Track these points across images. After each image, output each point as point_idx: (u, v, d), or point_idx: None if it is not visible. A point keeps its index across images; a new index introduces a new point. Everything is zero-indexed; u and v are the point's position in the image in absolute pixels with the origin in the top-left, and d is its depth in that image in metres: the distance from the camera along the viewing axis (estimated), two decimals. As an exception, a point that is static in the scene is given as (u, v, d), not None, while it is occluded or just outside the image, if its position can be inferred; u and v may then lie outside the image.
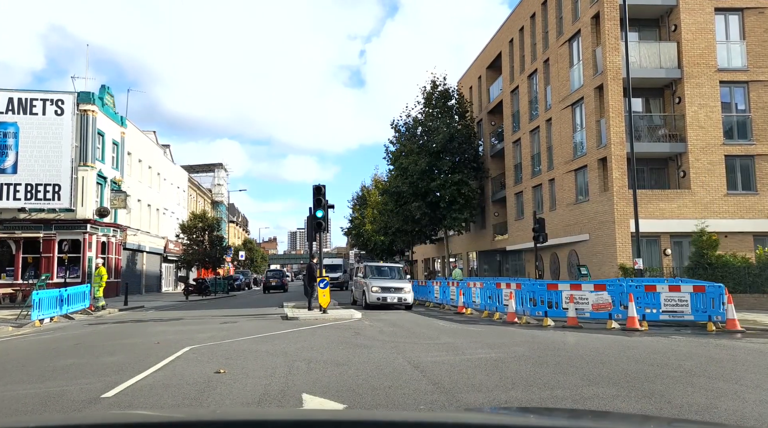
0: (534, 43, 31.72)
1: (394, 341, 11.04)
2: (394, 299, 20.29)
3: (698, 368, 7.63)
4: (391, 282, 21.01)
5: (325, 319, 16.30)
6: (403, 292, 20.52)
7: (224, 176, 71.70)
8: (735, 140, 23.99)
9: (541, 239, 22.87)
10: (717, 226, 22.14)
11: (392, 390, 6.37)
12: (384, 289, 20.44)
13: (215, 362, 8.52)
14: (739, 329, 12.70)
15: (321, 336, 12.11)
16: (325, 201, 18.66)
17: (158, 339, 11.77)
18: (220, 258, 43.13)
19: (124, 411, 5.31)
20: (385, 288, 20.47)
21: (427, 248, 50.02)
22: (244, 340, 11.43)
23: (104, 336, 13.41)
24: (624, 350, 9.56)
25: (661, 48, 24.37)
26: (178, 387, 6.76)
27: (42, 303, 17.13)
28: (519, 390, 6.32)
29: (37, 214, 29.39)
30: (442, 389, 6.37)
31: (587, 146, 25.69)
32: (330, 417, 2.37)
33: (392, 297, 20.28)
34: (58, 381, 7.39)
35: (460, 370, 7.60)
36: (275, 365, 8.18)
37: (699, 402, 5.63)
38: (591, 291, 14.39)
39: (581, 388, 6.34)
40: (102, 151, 32.07)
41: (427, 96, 37.67)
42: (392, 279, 21.77)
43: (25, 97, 29.67)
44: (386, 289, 20.46)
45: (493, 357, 8.78)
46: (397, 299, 20.32)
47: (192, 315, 19.38)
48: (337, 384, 6.78)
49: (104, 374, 7.77)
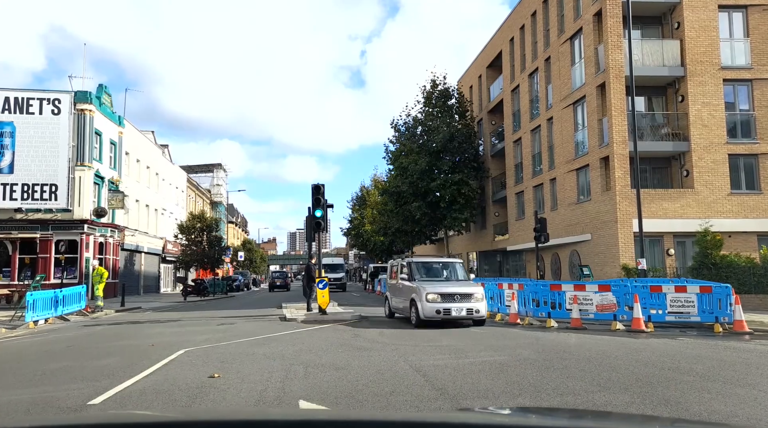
0: (535, 42, 31.45)
1: (394, 343, 10.76)
2: (461, 312, 13.69)
3: (712, 372, 7.35)
4: (453, 286, 14.44)
5: (324, 320, 16.02)
6: (472, 300, 13.95)
7: (223, 177, 71.43)
8: (739, 139, 23.72)
9: (543, 239, 22.59)
10: (720, 226, 21.85)
11: (394, 396, 6.10)
12: (446, 297, 13.89)
13: (210, 366, 8.24)
14: (747, 330, 12.42)
15: (319, 338, 11.83)
16: (324, 201, 18.39)
17: (153, 341, 11.49)
18: (219, 259, 42.81)
19: (124, 411, 5.22)
20: (447, 296, 13.91)
21: (427, 248, 49.72)
22: (240, 342, 11.15)
23: (98, 338, 13.12)
24: (632, 352, 9.28)
25: (664, 46, 24.10)
26: (169, 392, 6.48)
27: (36, 304, 16.83)
28: (527, 396, 6.04)
29: (33, 214, 29.10)
30: (447, 395, 6.10)
31: (589, 145, 25.43)
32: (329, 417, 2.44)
33: (458, 309, 13.68)
34: (45, 386, 7.11)
35: (464, 374, 7.32)
36: (272, 369, 7.90)
37: (718, 409, 5.36)
38: (595, 292, 14.11)
39: (592, 394, 6.06)
40: (99, 151, 31.78)
41: (427, 95, 37.44)
42: (452, 282, 15.18)
43: (21, 96, 29.38)
44: (449, 297, 13.89)
45: (498, 360, 8.50)
46: (466, 312, 13.72)
47: (189, 317, 19.10)
48: (335, 389, 6.50)
49: (94, 378, 7.49)
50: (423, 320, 13.84)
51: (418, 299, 14.03)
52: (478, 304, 13.99)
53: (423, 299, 13.81)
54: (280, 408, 5.74)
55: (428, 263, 16.54)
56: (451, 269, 16.01)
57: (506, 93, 35.20)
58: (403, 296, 15.45)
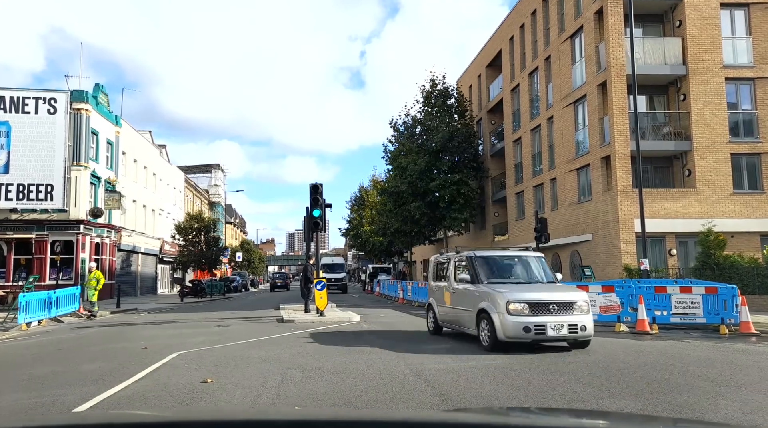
0: (535, 41, 31.21)
1: (394, 345, 10.49)
2: (560, 330, 9.44)
3: (724, 377, 7.08)
4: (544, 291, 10.12)
5: (322, 322, 15.75)
6: (576, 312, 9.69)
7: (221, 177, 71.13)
8: (741, 138, 23.48)
9: (544, 239, 22.35)
10: (723, 226, 21.60)
11: (394, 403, 5.83)
12: (537, 308, 9.59)
13: (203, 370, 7.96)
14: (754, 332, 12.18)
15: (317, 340, 11.55)
16: (323, 200, 18.12)
17: (146, 344, 11.20)
18: (217, 259, 42.52)
19: (124, 411, 5.12)
20: (538, 306, 9.62)
21: (426, 249, 49.43)
22: (236, 345, 10.87)
23: (91, 340, 12.83)
24: (639, 355, 9.02)
25: (665, 44, 23.87)
26: (158, 399, 6.21)
27: (29, 306, 16.54)
28: (534, 403, 5.78)
29: (29, 214, 28.80)
30: (449, 401, 5.83)
31: (590, 144, 25.18)
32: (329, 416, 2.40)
33: (556, 326, 9.44)
34: (30, 392, 6.83)
35: (467, 379, 7.05)
36: (267, 373, 7.62)
37: (735, 416, 5.09)
38: (599, 293, 13.84)
39: (602, 400, 5.79)
40: (96, 150, 31.49)
41: (426, 95, 37.17)
42: (539, 285, 10.68)
43: (17, 95, 29.09)
44: (542, 308, 9.62)
45: (501, 363, 8.23)
46: (568, 330, 9.48)
47: (185, 318, 18.81)
48: (333, 395, 6.23)
49: (83, 383, 7.20)
50: (503, 341, 9.44)
51: (492, 310, 9.62)
52: (583, 318, 9.58)
53: (502, 309, 9.44)
54: (280, 408, 5.63)
55: (499, 258, 11.80)
56: (531, 267, 11.32)
57: (506, 92, 34.96)
58: (462, 305, 11.03)
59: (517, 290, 9.99)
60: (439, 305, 12.39)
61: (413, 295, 26.34)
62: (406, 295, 27.63)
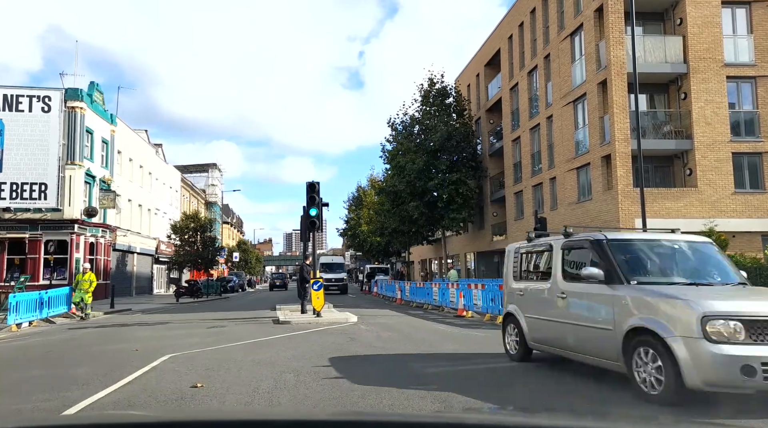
0: (534, 39, 30.97)
1: (393, 348, 10.21)
2: None
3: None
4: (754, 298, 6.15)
5: (318, 323, 15.45)
6: None
7: (218, 177, 70.75)
8: (742, 137, 23.25)
9: (544, 239, 22.05)
10: (725, 226, 21.35)
11: (393, 409, 5.55)
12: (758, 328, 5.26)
13: (194, 374, 7.66)
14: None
15: (313, 342, 11.26)
16: (319, 199, 17.82)
17: (138, 346, 10.89)
18: (213, 259, 42.22)
19: (122, 412, 5.03)
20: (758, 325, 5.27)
21: (424, 249, 49.21)
22: (230, 347, 10.58)
23: (82, 342, 12.52)
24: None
25: (666, 42, 23.64)
26: (144, 405, 5.92)
27: (20, 306, 16.21)
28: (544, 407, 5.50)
29: (22, 214, 28.43)
30: (451, 408, 5.55)
31: (590, 143, 24.94)
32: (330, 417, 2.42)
33: None
34: (12, 397, 6.53)
35: (470, 383, 6.77)
36: (260, 377, 7.33)
37: None
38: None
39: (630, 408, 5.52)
40: (91, 149, 31.13)
41: (424, 94, 36.94)
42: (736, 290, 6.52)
43: (10, 93, 28.74)
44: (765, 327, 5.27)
45: (504, 367, 7.95)
46: None
47: (180, 319, 18.48)
48: (328, 401, 5.95)
49: (68, 388, 6.90)
50: (696, 388, 5.34)
51: (667, 332, 5.55)
52: None
53: (693, 331, 5.36)
54: (279, 408, 5.56)
55: (648, 243, 7.46)
56: (703, 260, 7.21)
57: (505, 91, 34.71)
58: (582, 319, 6.91)
59: (711, 296, 5.74)
60: (529, 316, 8.15)
61: (411, 295, 26.11)
62: (404, 295, 27.38)
